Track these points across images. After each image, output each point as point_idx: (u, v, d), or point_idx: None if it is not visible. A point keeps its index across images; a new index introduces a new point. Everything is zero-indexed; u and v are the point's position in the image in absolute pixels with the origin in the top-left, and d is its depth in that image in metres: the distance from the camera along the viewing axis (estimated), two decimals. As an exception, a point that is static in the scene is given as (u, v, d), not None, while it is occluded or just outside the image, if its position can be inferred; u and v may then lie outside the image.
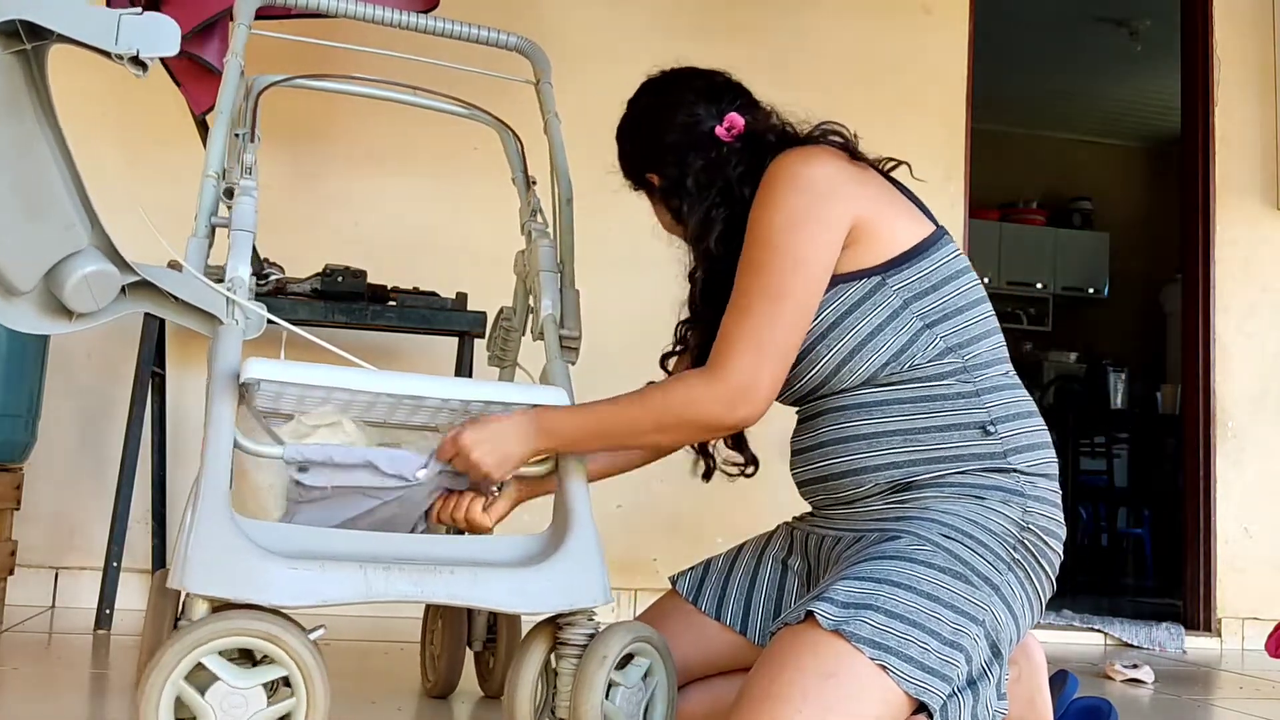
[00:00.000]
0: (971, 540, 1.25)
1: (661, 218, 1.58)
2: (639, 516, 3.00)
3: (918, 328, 1.34)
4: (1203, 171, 3.73)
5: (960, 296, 1.38)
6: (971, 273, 1.41)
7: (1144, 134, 7.19)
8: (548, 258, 1.60)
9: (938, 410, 1.32)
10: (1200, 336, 3.68)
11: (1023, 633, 1.30)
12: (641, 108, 1.56)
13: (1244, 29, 3.80)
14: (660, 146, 1.50)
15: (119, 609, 2.50)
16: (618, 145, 1.60)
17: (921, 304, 1.35)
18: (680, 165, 1.47)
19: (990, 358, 1.38)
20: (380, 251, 2.93)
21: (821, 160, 1.37)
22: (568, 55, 3.37)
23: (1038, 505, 1.32)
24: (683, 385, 1.34)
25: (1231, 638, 3.52)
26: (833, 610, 1.16)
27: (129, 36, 1.03)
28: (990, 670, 1.22)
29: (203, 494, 1.17)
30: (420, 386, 1.30)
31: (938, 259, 1.38)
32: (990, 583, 1.24)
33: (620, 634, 1.30)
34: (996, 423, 1.33)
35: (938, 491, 1.30)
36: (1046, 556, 1.33)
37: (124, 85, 2.89)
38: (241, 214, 1.41)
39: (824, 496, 1.43)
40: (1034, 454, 1.35)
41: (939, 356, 1.34)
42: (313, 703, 1.15)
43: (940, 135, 3.53)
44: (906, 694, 1.14)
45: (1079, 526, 5.85)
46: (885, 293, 1.34)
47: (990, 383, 1.36)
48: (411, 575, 1.20)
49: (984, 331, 1.39)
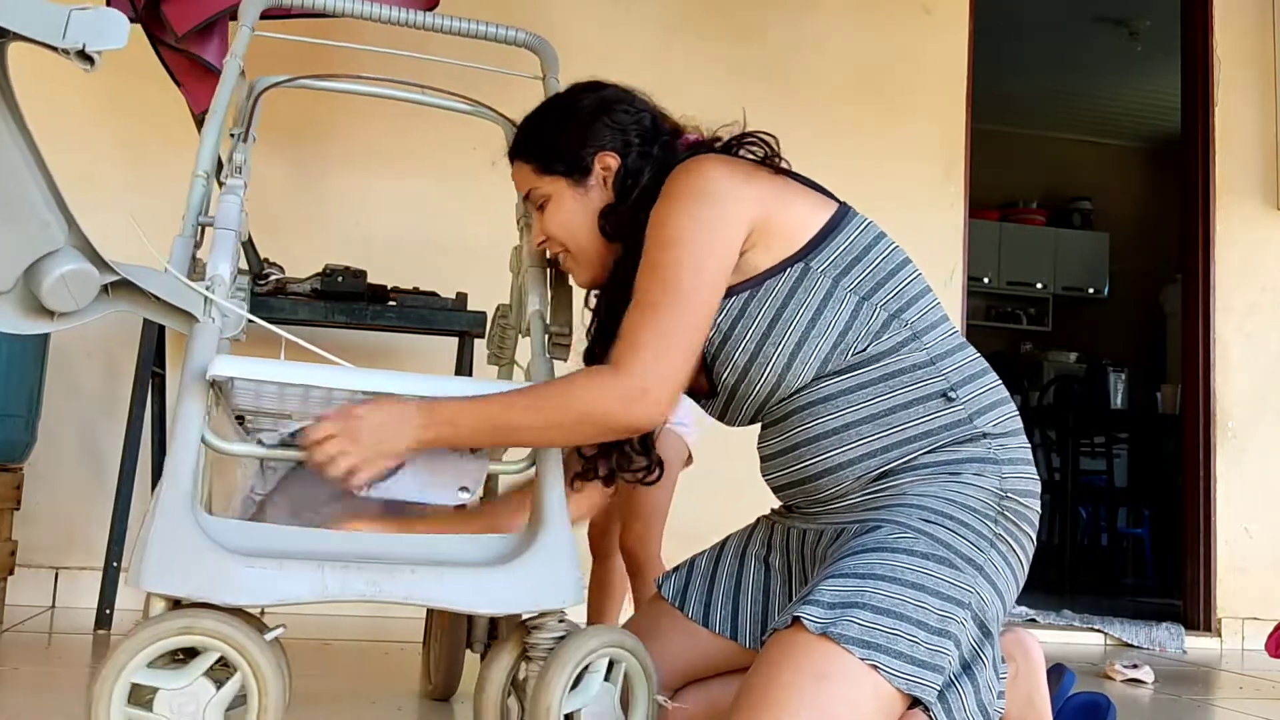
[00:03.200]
0: (952, 521, 1.25)
1: (576, 215, 1.46)
2: (639, 516, 3.00)
3: (854, 302, 1.33)
4: (1203, 171, 3.73)
5: (886, 261, 1.37)
6: (888, 238, 1.40)
7: (1144, 134, 7.19)
8: (537, 253, 1.59)
9: (898, 387, 1.32)
10: (1200, 336, 3.68)
11: (1007, 606, 1.29)
12: (604, 92, 1.50)
13: (1244, 29, 3.80)
14: (635, 125, 1.46)
15: (119, 609, 2.50)
16: (551, 124, 1.49)
17: (850, 278, 1.34)
18: (647, 153, 1.45)
19: (933, 318, 1.37)
20: (380, 251, 2.94)
21: (710, 163, 1.37)
22: (569, 55, 3.35)
23: (1012, 469, 1.32)
24: (583, 380, 1.31)
25: (1231, 638, 3.52)
26: (819, 613, 1.16)
27: (76, 31, 1.03)
28: (982, 652, 1.22)
29: (163, 491, 1.16)
30: (393, 383, 1.28)
31: (851, 231, 1.37)
32: (974, 563, 1.24)
33: (575, 649, 1.26)
34: (956, 388, 1.32)
35: (913, 475, 1.30)
36: (1026, 518, 1.33)
37: (125, 86, 2.89)
38: (225, 212, 1.40)
39: (803, 499, 1.41)
40: (996, 411, 1.35)
41: (884, 328, 1.33)
42: (263, 685, 1.12)
43: (940, 135, 3.53)
44: (899, 689, 1.14)
45: (1079, 526, 5.84)
46: (812, 276, 1.34)
47: (941, 346, 1.35)
48: (369, 574, 1.18)
49: (919, 291, 1.38)
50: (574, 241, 1.48)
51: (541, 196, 1.48)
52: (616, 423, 1.30)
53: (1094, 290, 7.35)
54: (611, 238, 1.45)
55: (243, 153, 1.52)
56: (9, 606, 2.51)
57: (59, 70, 2.67)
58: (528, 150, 1.50)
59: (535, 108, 1.54)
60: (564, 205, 1.47)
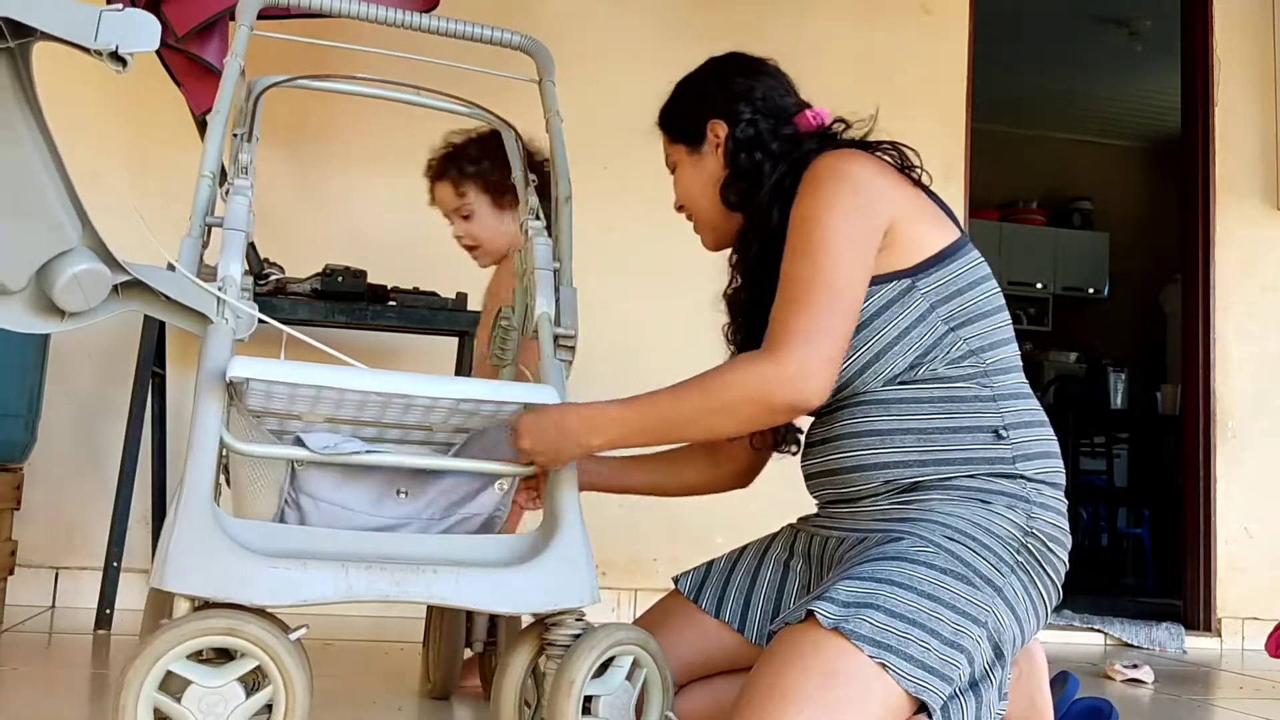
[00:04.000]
0: (974, 542, 1.26)
1: (695, 182, 1.54)
2: (640, 517, 3.00)
3: (943, 330, 1.35)
4: (1203, 171, 3.73)
5: (985, 301, 1.39)
6: (993, 280, 1.42)
7: (1144, 134, 7.19)
8: (544, 256, 1.60)
9: (954, 412, 1.33)
10: (1200, 336, 3.68)
11: (1027, 636, 1.30)
12: (727, 63, 1.57)
13: (1244, 29, 3.80)
14: (745, 96, 1.51)
15: (119, 609, 2.51)
16: (678, 92, 1.58)
17: (948, 307, 1.36)
18: (755, 123, 1.49)
19: (1008, 365, 1.39)
20: (380, 251, 2.94)
21: (863, 160, 1.39)
22: (566, 55, 3.36)
23: (1042, 512, 1.33)
24: (744, 365, 1.31)
25: (1231, 638, 3.52)
26: (833, 609, 1.16)
27: (108, 32, 1.03)
28: (993, 673, 1.22)
29: (185, 492, 1.16)
30: (410, 385, 1.28)
31: (963, 264, 1.39)
32: (992, 584, 1.24)
33: (605, 635, 1.28)
34: (1009, 428, 1.33)
35: (943, 494, 1.31)
36: (1051, 563, 1.33)
37: (126, 86, 2.89)
38: (234, 213, 1.40)
39: (830, 491, 1.43)
40: (1042, 462, 1.35)
41: (960, 359, 1.35)
42: (291, 702, 1.13)
43: (940, 135, 3.53)
44: (907, 693, 1.14)
45: (1079, 527, 5.83)
46: (913, 295, 1.35)
47: (1007, 390, 1.36)
48: (394, 575, 1.20)
49: (1004, 338, 1.40)
50: (696, 207, 1.55)
51: (672, 162, 1.58)
52: (783, 403, 1.28)
53: (1094, 290, 7.35)
54: (733, 208, 1.50)
55: (248, 153, 1.52)
56: (9, 606, 2.51)
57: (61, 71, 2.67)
58: (661, 118, 1.59)
59: None
60: (686, 172, 1.55)
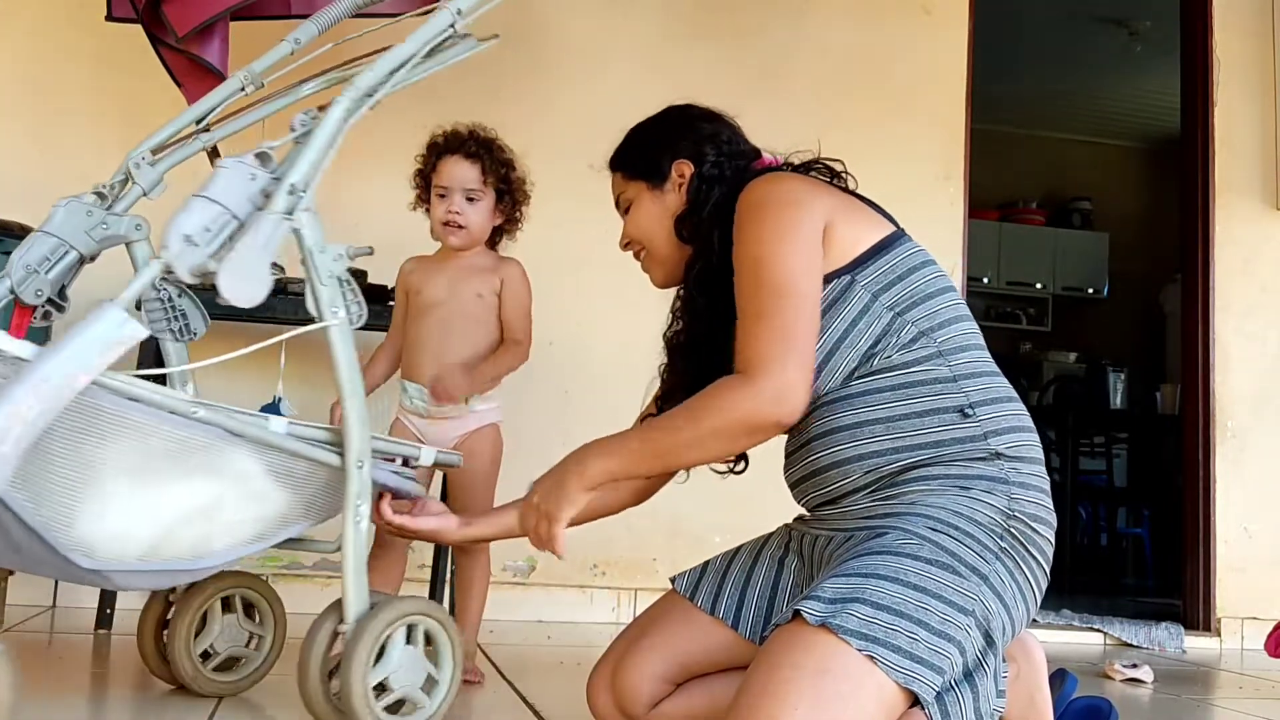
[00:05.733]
0: (957, 531, 1.26)
1: (652, 217, 1.60)
2: (639, 517, 2.98)
3: (889, 317, 1.38)
4: (1203, 171, 3.73)
5: (927, 284, 1.41)
6: (935, 265, 1.46)
7: (1144, 134, 7.19)
8: None
9: (916, 396, 1.35)
10: (1200, 336, 3.68)
11: (1016, 622, 1.30)
12: (688, 110, 1.64)
13: (1244, 29, 3.80)
14: (711, 139, 1.58)
15: (119, 609, 2.50)
16: (640, 135, 1.64)
17: (890, 294, 1.39)
18: (720, 164, 1.55)
19: (964, 343, 1.40)
20: (380, 251, 2.93)
21: (789, 178, 1.48)
22: (568, 54, 3.37)
23: (1023, 492, 1.33)
24: (725, 390, 1.35)
25: (1231, 638, 3.53)
26: (819, 607, 1.17)
27: None
28: (986, 661, 1.23)
29: None
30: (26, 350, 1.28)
31: (900, 253, 1.43)
32: (978, 573, 1.24)
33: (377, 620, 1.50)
34: (974, 406, 1.34)
35: (923, 485, 1.31)
36: (1036, 544, 1.33)
37: (122, 86, 2.89)
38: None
39: (814, 494, 1.44)
40: (1014, 436, 1.36)
41: (911, 343, 1.37)
42: None
43: (940, 135, 3.53)
44: (899, 685, 1.15)
45: (1079, 526, 5.85)
46: (854, 289, 1.39)
47: (967, 368, 1.37)
48: None
49: (954, 316, 1.41)
50: (650, 243, 1.60)
51: (626, 201, 1.63)
52: (767, 422, 1.33)
53: (1094, 290, 7.35)
54: (686, 241, 1.55)
55: None
56: (9, 606, 2.51)
57: (60, 70, 2.66)
58: (617, 159, 1.65)
59: None
60: (643, 208, 1.60)
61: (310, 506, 1.56)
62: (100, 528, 1.35)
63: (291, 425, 1.52)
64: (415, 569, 2.70)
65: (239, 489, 1.47)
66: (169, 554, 1.43)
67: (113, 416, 1.34)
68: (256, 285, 1.44)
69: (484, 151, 2.12)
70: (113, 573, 1.39)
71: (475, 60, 1.76)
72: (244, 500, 1.48)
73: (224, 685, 1.81)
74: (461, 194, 2.11)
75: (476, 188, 2.11)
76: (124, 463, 1.36)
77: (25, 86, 2.95)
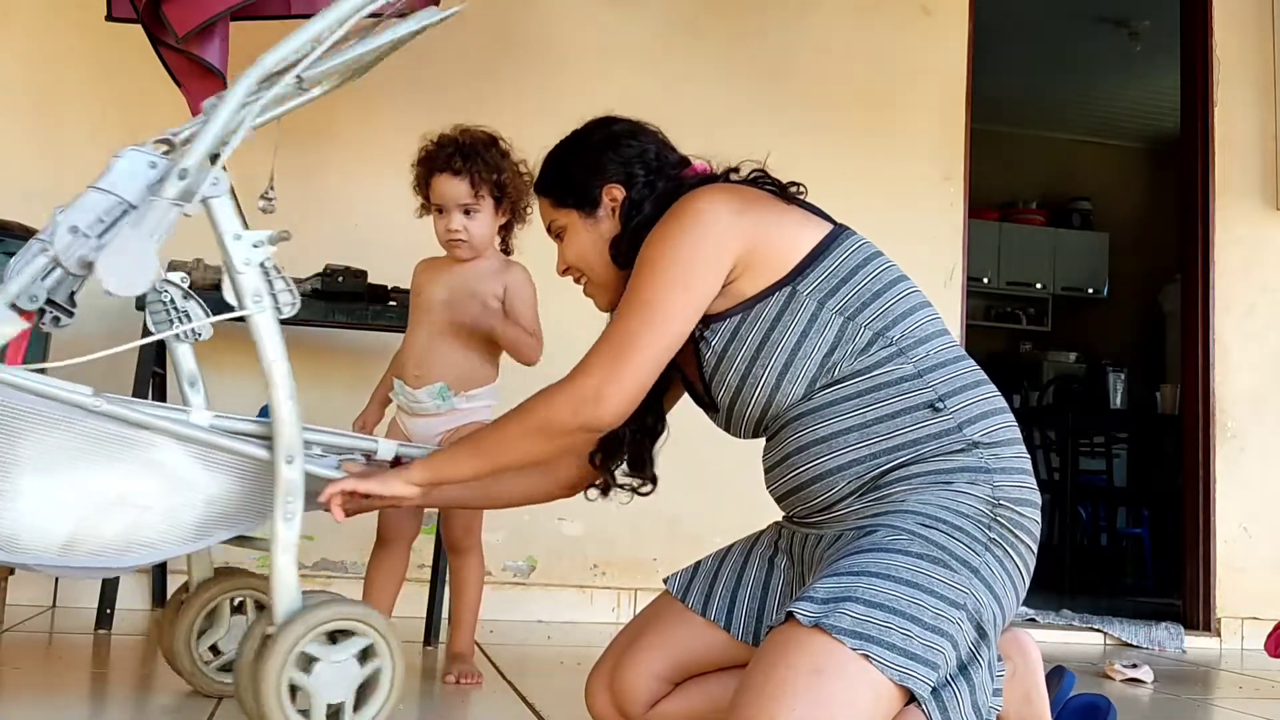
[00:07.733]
0: (946, 525, 1.26)
1: (587, 243, 1.55)
2: (640, 517, 3.00)
3: (840, 323, 1.36)
4: (1203, 171, 3.73)
5: (874, 281, 1.39)
6: (882, 257, 1.43)
7: (1144, 134, 7.20)
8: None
9: (884, 399, 1.34)
10: (1200, 336, 3.68)
11: (1007, 612, 1.30)
12: (610, 126, 1.58)
13: (1244, 29, 3.80)
14: (639, 158, 1.53)
15: (119, 609, 2.51)
16: (563, 159, 1.58)
17: (836, 299, 1.37)
18: (652, 183, 1.51)
19: (922, 334, 1.38)
20: (380, 251, 2.94)
21: (706, 195, 1.43)
22: (568, 56, 3.37)
23: (1005, 478, 1.32)
24: (546, 392, 1.39)
25: (1231, 638, 3.53)
26: (812, 607, 1.17)
27: None
28: (979, 654, 1.23)
29: None
30: None
31: (840, 254, 1.40)
32: (969, 565, 1.24)
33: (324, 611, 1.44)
34: (944, 399, 1.34)
35: (906, 486, 1.31)
36: (1024, 527, 1.33)
37: (126, 86, 2.89)
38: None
39: (801, 507, 1.43)
40: (987, 422, 1.35)
41: (869, 346, 1.36)
42: None
43: (940, 135, 3.53)
44: (893, 682, 1.15)
45: (1079, 526, 5.84)
46: (798, 299, 1.37)
47: (929, 360, 1.36)
48: None
49: (908, 309, 1.39)
50: (589, 269, 1.57)
51: (559, 228, 1.58)
52: (565, 427, 1.38)
53: (1094, 290, 7.35)
54: (622, 265, 1.51)
55: None
56: (9, 606, 2.51)
57: (60, 70, 2.67)
58: (543, 185, 1.60)
59: (554, 146, 1.61)
60: (578, 236, 1.56)
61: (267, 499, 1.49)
62: (17, 520, 1.37)
63: (218, 418, 1.50)
64: (415, 569, 2.70)
65: (159, 477, 1.45)
66: (95, 545, 1.42)
67: (18, 411, 1.36)
68: (138, 274, 1.37)
69: (470, 162, 2.09)
70: (40, 565, 1.41)
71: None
72: (170, 489, 1.45)
73: (226, 685, 1.81)
74: (457, 210, 2.10)
75: (469, 201, 2.09)
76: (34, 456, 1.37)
77: (25, 86, 2.95)
